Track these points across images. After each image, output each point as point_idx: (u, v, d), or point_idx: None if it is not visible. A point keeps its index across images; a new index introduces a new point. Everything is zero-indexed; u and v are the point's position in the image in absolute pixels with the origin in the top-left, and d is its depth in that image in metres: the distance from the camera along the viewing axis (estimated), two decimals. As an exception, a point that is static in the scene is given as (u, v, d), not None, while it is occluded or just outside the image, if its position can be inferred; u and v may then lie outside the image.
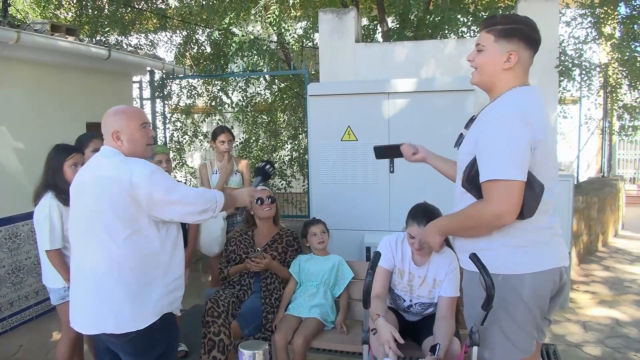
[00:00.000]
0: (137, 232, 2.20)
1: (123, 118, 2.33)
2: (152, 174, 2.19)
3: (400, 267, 3.04)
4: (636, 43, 8.23)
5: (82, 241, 2.30)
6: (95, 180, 2.25)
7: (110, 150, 2.33)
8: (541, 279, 2.02)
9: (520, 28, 2.03)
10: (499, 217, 1.91)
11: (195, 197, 2.31)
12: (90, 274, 2.24)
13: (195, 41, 10.02)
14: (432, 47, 5.78)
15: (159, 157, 3.95)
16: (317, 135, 4.55)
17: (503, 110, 1.96)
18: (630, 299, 5.55)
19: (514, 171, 1.86)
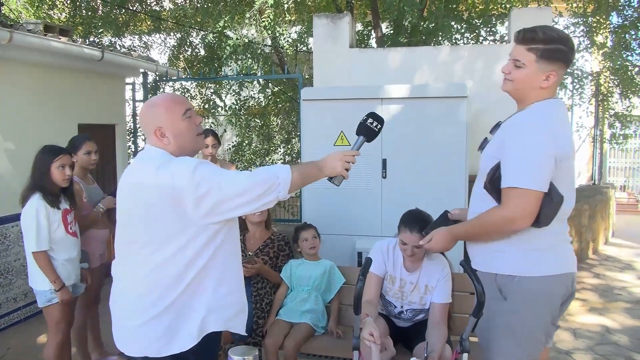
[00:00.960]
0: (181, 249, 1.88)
1: (161, 111, 1.98)
2: (195, 170, 1.82)
3: (391, 273, 3.03)
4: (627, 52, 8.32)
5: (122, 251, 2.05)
6: (135, 187, 1.95)
7: (154, 152, 2.00)
8: (555, 282, 2.08)
9: (561, 50, 2.03)
10: (511, 222, 1.98)
11: (246, 182, 1.85)
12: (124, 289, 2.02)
13: (189, 44, 10.01)
14: (425, 54, 5.80)
15: None
16: (310, 140, 4.54)
17: (532, 120, 2.02)
18: (620, 307, 5.58)
19: (534, 181, 1.93)
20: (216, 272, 1.97)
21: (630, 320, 5.15)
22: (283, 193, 1.89)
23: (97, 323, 4.13)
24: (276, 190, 1.88)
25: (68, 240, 3.33)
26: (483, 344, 2.25)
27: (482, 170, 2.20)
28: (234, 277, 2.08)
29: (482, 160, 2.22)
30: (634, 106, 9.05)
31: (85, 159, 3.77)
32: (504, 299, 2.10)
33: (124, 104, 7.17)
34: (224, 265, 2.00)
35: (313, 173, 2.01)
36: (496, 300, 2.11)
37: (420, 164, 4.28)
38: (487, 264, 2.16)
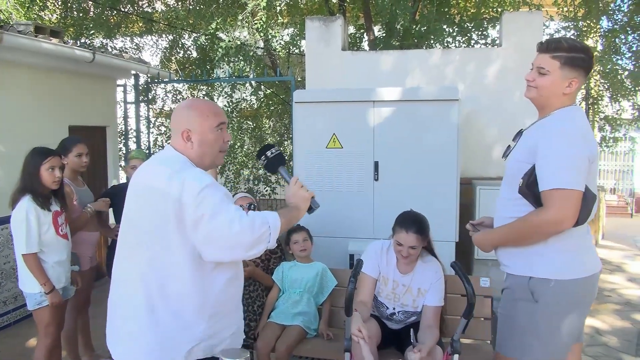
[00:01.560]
0: (180, 264, 1.83)
1: (197, 115, 1.95)
2: (201, 191, 1.78)
3: (384, 275, 3.04)
4: (617, 56, 8.38)
5: (125, 252, 1.97)
6: (146, 190, 1.90)
7: (172, 155, 1.96)
8: (587, 284, 2.17)
9: (583, 58, 2.15)
10: (559, 223, 2.04)
11: (240, 225, 1.79)
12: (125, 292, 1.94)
13: (182, 46, 9.98)
14: (417, 57, 5.82)
15: (134, 162, 3.91)
16: (303, 142, 4.54)
17: (565, 124, 2.12)
18: (610, 308, 5.61)
19: (575, 182, 2.02)
20: (213, 294, 1.90)
21: (619, 321, 5.19)
22: (272, 242, 1.88)
23: (87, 326, 4.11)
24: (265, 239, 1.85)
25: (58, 242, 3.31)
26: (508, 344, 2.27)
27: (509, 176, 2.28)
28: (233, 299, 2.02)
29: (509, 167, 2.30)
30: (624, 109, 9.12)
31: (76, 161, 3.76)
32: (534, 302, 2.15)
33: (115, 106, 7.15)
34: (223, 287, 1.93)
35: (295, 215, 2.03)
36: (526, 302, 2.17)
37: (412, 167, 4.29)
38: (521, 267, 2.21)
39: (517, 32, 5.52)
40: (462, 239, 4.34)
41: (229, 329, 2.01)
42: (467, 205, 4.85)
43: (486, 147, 5.49)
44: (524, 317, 2.17)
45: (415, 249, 2.90)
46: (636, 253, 9.14)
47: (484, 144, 5.49)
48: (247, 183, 8.96)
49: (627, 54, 8.40)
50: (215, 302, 1.90)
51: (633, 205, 16.65)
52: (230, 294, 1.99)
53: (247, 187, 8.81)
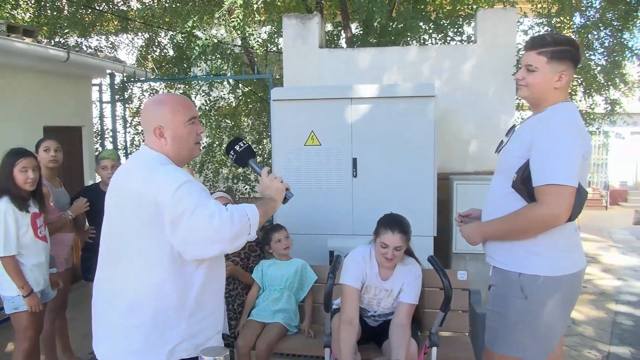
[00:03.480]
0: (158, 264, 1.82)
1: (167, 110, 1.93)
2: (177, 190, 1.76)
3: (367, 284, 3.02)
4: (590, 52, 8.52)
5: (107, 254, 1.96)
6: (122, 193, 1.89)
7: (149, 154, 1.94)
8: (574, 280, 2.20)
9: (569, 50, 2.18)
10: (554, 219, 2.06)
11: (220, 219, 1.76)
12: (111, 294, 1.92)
13: (158, 44, 9.89)
14: (394, 54, 5.86)
15: (105, 162, 3.86)
16: (281, 140, 4.55)
17: (560, 120, 2.14)
18: (585, 299, 5.73)
19: (570, 177, 2.03)
20: (193, 293, 1.88)
21: (595, 311, 5.31)
22: (252, 233, 1.86)
23: (65, 329, 4.06)
24: (246, 231, 1.83)
25: (37, 244, 3.26)
26: (500, 341, 2.28)
27: (502, 170, 2.29)
28: (214, 298, 2.00)
29: (503, 161, 2.31)
30: (597, 104, 9.27)
31: (44, 156, 3.69)
32: (524, 298, 2.17)
33: (91, 106, 7.07)
34: (203, 286, 1.91)
35: (272, 206, 2.01)
36: (517, 299, 2.19)
37: (390, 163, 4.33)
38: (511, 262, 2.22)
39: (492, 28, 5.58)
40: (439, 234, 4.40)
41: (214, 328, 2.00)
42: (445, 200, 4.91)
43: (462, 142, 5.55)
44: (516, 314, 2.19)
45: (400, 250, 2.90)
46: (611, 244, 9.35)
47: (460, 140, 5.55)
48: (226, 182, 8.92)
49: (600, 49, 8.54)
50: (195, 301, 1.89)
51: (607, 197, 17.00)
52: (211, 292, 1.97)
53: (227, 185, 8.78)
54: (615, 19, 7.96)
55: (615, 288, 6.24)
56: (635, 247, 9.10)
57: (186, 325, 1.88)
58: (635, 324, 4.97)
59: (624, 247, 9.14)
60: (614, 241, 9.76)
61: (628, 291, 6.11)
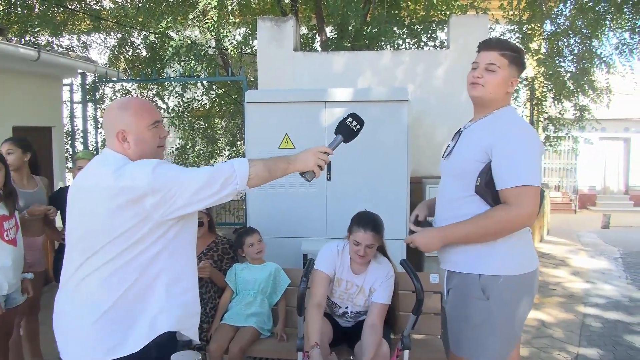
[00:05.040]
0: (134, 245, 1.83)
1: (130, 115, 1.94)
2: (155, 168, 1.82)
3: (339, 276, 3.05)
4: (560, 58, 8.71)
5: (75, 257, 1.92)
6: (92, 191, 1.87)
7: (112, 156, 1.94)
8: (532, 278, 2.22)
9: (522, 60, 2.23)
10: (528, 219, 2.09)
11: (205, 177, 1.85)
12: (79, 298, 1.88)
13: (131, 44, 9.77)
14: (368, 58, 5.89)
15: (81, 163, 3.80)
16: (255, 143, 4.53)
17: (517, 125, 2.18)
18: (554, 301, 5.83)
19: (537, 178, 2.08)
20: (169, 268, 1.91)
21: (564, 314, 5.40)
22: (241, 185, 1.89)
23: (36, 333, 3.97)
24: (233, 182, 1.87)
25: (2, 248, 3.17)
26: (464, 343, 2.26)
27: (457, 175, 2.27)
28: (189, 275, 2.02)
29: (453, 166, 2.30)
30: (566, 110, 9.47)
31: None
32: (486, 299, 2.17)
33: (61, 106, 6.93)
34: (178, 262, 1.95)
35: (281, 166, 2.00)
36: (479, 300, 2.18)
37: (364, 166, 4.34)
38: (470, 265, 2.21)
39: (464, 34, 5.65)
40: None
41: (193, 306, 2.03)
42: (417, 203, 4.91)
43: (435, 146, 5.60)
44: (478, 316, 2.18)
45: (372, 248, 2.94)
46: (580, 248, 9.54)
47: (433, 144, 5.60)
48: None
49: (569, 56, 8.74)
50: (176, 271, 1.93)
51: (576, 201, 17.37)
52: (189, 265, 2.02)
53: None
54: (585, 27, 8.14)
55: (584, 291, 6.36)
56: (603, 251, 9.31)
57: (164, 294, 1.89)
58: (603, 326, 5.08)
59: (593, 250, 9.34)
60: (583, 244, 9.97)
61: (596, 294, 6.24)
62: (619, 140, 17.96)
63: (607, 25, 8.19)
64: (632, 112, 16.59)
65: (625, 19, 8.06)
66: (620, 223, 13.36)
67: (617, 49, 8.44)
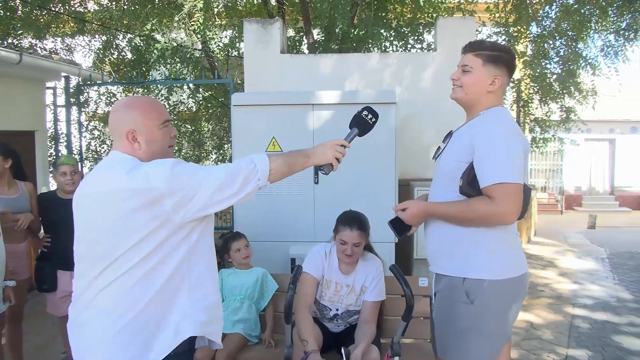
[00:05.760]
0: (157, 251, 1.75)
1: (139, 114, 1.86)
2: (173, 168, 1.74)
3: (327, 278, 3.05)
4: (546, 60, 8.75)
5: (85, 267, 1.83)
6: (104, 196, 1.77)
7: (121, 157, 1.85)
8: (519, 283, 2.19)
9: (505, 56, 2.24)
10: (506, 216, 2.07)
11: (225, 175, 1.78)
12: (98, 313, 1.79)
13: (116, 47, 9.66)
14: (356, 60, 5.87)
15: (63, 168, 3.72)
16: (242, 146, 4.48)
17: (498, 122, 2.17)
18: (543, 303, 5.84)
19: (517, 176, 2.06)
20: (191, 273, 1.84)
21: (552, 315, 5.41)
22: (263, 180, 1.85)
23: (19, 342, 3.88)
24: (255, 179, 1.83)
25: None
26: (450, 347, 2.25)
27: (446, 177, 2.27)
28: (210, 279, 1.94)
29: (443, 167, 2.31)
30: (553, 112, 9.53)
31: None
32: (470, 303, 2.15)
33: (44, 110, 6.83)
34: (200, 265, 1.87)
35: (300, 160, 1.98)
36: (463, 304, 2.16)
37: (352, 169, 4.30)
38: (454, 268, 2.20)
39: (451, 37, 5.65)
40: (401, 240, 4.40)
41: (212, 310, 1.92)
42: (406, 206, 4.92)
43: (423, 148, 5.58)
44: (463, 320, 2.16)
45: (359, 246, 2.95)
46: (567, 249, 9.59)
47: (421, 146, 5.59)
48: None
49: (555, 58, 8.79)
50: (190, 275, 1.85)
51: (563, 202, 17.50)
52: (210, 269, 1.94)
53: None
54: (570, 29, 8.19)
55: (572, 292, 6.38)
56: (590, 251, 9.36)
57: (186, 299, 1.82)
58: (591, 327, 5.09)
59: (580, 251, 9.39)
60: (570, 245, 10.02)
61: (584, 294, 6.26)
62: (604, 142, 18.12)
63: (592, 27, 8.24)
64: (617, 114, 16.76)
65: (610, 21, 8.11)
66: (606, 223, 13.46)
67: (602, 51, 8.50)
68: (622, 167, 18.06)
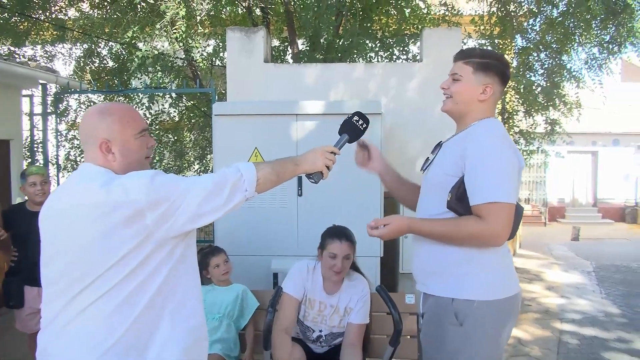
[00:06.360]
0: (137, 270, 1.60)
1: (114, 122, 1.71)
2: (153, 180, 1.59)
3: (310, 297, 2.92)
4: (531, 73, 8.77)
5: (57, 291, 1.64)
6: (75, 211, 1.60)
7: (93, 170, 1.69)
8: (511, 303, 2.08)
9: (496, 64, 2.13)
10: (497, 238, 1.97)
11: (210, 186, 1.65)
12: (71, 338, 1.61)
13: (97, 54, 9.49)
14: (341, 70, 5.78)
15: (33, 178, 3.56)
16: (223, 157, 4.34)
17: (492, 137, 2.04)
18: (530, 318, 5.75)
19: (510, 195, 1.95)
20: (175, 293, 1.69)
21: (540, 330, 5.32)
22: (250, 191, 1.73)
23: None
24: (241, 189, 1.71)
25: None
26: None
27: (434, 189, 2.16)
28: (194, 298, 1.78)
29: (431, 180, 2.19)
30: (537, 124, 9.54)
31: None
32: (459, 325, 2.03)
33: (20, 118, 6.64)
34: (183, 284, 1.72)
35: (289, 168, 1.89)
36: (451, 326, 2.04)
37: (337, 181, 4.18)
38: (443, 287, 2.08)
39: (437, 47, 5.59)
40: (386, 254, 4.29)
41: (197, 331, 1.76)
42: (392, 219, 4.81)
43: (409, 160, 5.49)
44: (453, 342, 2.05)
45: (349, 259, 2.85)
46: (552, 262, 9.56)
47: (406, 158, 5.50)
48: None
49: (540, 71, 8.81)
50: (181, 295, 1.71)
51: (546, 214, 17.56)
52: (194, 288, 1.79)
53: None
54: (554, 42, 8.22)
55: (559, 306, 6.31)
56: (576, 264, 9.33)
57: (169, 321, 1.67)
58: (580, 343, 5.00)
59: (565, 264, 9.36)
60: (555, 258, 9.99)
61: (572, 309, 6.18)
62: (587, 154, 18.25)
63: (577, 40, 8.27)
64: (600, 127, 16.91)
65: (594, 34, 8.15)
66: (589, 235, 13.48)
67: (587, 64, 8.54)
68: (605, 179, 18.20)
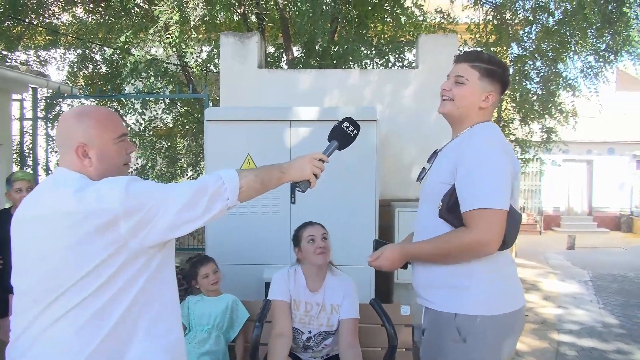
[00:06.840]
0: (110, 282, 1.52)
1: (92, 126, 1.64)
2: (128, 187, 1.52)
3: (296, 298, 2.90)
4: (526, 81, 8.74)
5: (30, 300, 1.56)
6: (48, 220, 1.53)
7: (68, 175, 1.62)
8: (515, 318, 1.99)
9: (501, 72, 2.05)
10: (484, 245, 1.87)
11: (189, 193, 1.57)
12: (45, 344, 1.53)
13: (91, 59, 9.41)
14: (336, 76, 5.72)
15: (19, 184, 3.47)
16: (215, 163, 4.26)
17: (485, 140, 1.96)
18: (528, 328, 5.66)
19: (500, 200, 1.86)
20: (150, 307, 1.61)
21: (538, 341, 5.23)
22: (232, 200, 1.64)
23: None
24: (222, 197, 1.62)
25: None
26: None
27: (428, 200, 2.08)
28: (172, 312, 1.71)
29: (427, 190, 2.11)
30: (533, 132, 9.50)
31: None
32: (462, 341, 1.93)
33: (10, 123, 6.53)
34: (160, 297, 1.64)
35: (274, 176, 1.80)
36: (454, 342, 1.94)
37: (331, 188, 4.11)
38: (445, 302, 1.98)
39: (433, 54, 5.54)
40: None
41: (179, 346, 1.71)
42: (386, 227, 4.74)
43: (404, 168, 5.43)
44: (454, 358, 1.96)
45: (327, 239, 2.91)
46: (549, 271, 9.49)
47: (402, 165, 5.43)
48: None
49: (536, 79, 8.77)
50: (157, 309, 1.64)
51: (541, 222, 17.53)
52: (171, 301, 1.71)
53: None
54: (550, 50, 8.20)
55: (556, 317, 6.22)
56: (572, 274, 9.26)
57: (144, 337, 1.59)
58: (578, 354, 4.92)
59: (562, 273, 9.29)
60: (551, 267, 9.92)
61: (570, 320, 6.10)
62: (582, 162, 18.25)
63: (572, 48, 8.25)
64: (595, 135, 16.91)
65: (590, 43, 8.13)
66: (585, 244, 13.44)
67: (582, 72, 8.51)
68: (600, 188, 18.21)
